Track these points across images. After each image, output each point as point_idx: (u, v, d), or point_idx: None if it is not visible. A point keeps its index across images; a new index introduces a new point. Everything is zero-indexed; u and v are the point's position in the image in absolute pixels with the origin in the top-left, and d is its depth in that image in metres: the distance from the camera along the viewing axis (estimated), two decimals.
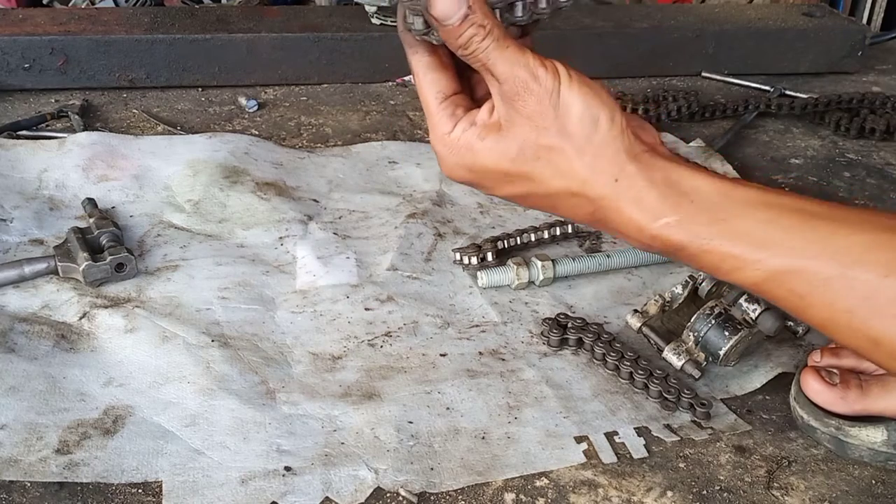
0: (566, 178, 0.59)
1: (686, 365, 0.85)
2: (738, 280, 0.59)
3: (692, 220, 0.58)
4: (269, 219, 1.10)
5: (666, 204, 0.59)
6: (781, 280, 0.57)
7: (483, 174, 0.62)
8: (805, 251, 0.57)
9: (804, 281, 0.56)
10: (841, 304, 0.56)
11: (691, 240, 0.58)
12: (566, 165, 0.59)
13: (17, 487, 0.71)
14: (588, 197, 0.60)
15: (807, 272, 0.56)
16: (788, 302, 0.58)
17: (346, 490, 0.72)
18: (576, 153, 0.59)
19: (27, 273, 0.95)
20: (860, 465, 0.77)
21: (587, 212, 0.61)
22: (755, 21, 1.71)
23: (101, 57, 1.42)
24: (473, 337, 0.92)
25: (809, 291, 0.56)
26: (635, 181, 0.59)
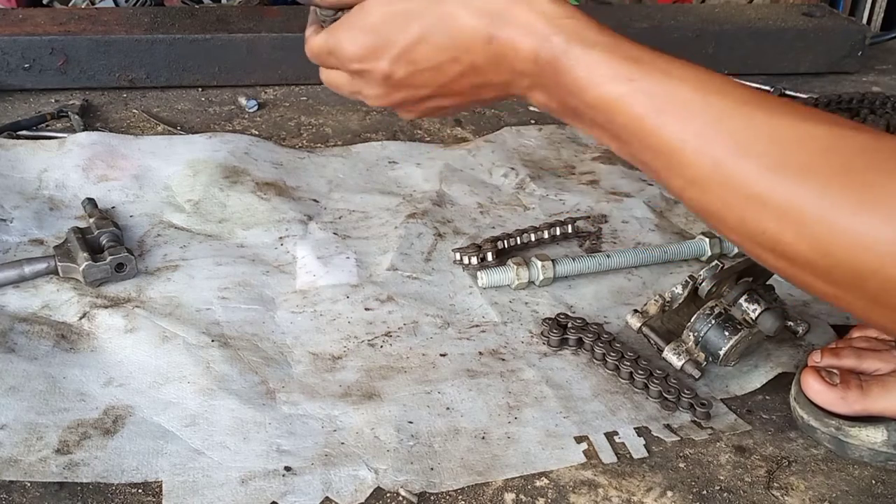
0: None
1: (686, 365, 0.85)
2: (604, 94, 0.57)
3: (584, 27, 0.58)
4: (269, 219, 1.10)
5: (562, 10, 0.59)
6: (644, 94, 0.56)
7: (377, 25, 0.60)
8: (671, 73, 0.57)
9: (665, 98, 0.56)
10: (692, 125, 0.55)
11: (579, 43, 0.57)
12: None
13: (17, 487, 0.71)
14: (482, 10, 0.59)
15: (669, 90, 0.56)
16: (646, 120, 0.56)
17: (346, 490, 0.72)
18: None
19: (27, 273, 0.95)
20: (860, 465, 0.77)
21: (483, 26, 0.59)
22: (755, 21, 1.71)
23: (101, 57, 1.42)
24: (473, 337, 0.92)
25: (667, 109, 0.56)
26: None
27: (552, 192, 1.20)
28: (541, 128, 1.41)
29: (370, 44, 0.61)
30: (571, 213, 1.15)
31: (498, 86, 0.62)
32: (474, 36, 0.59)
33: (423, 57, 0.60)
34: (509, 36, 0.58)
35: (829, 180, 0.51)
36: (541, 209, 1.16)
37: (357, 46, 0.61)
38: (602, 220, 1.14)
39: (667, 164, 0.57)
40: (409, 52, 0.60)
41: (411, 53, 0.60)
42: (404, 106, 0.65)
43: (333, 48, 0.64)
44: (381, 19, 0.60)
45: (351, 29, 0.61)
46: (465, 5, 0.58)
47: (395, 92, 0.63)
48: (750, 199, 0.53)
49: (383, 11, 0.59)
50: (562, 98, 0.60)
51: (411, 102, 0.64)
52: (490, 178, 1.24)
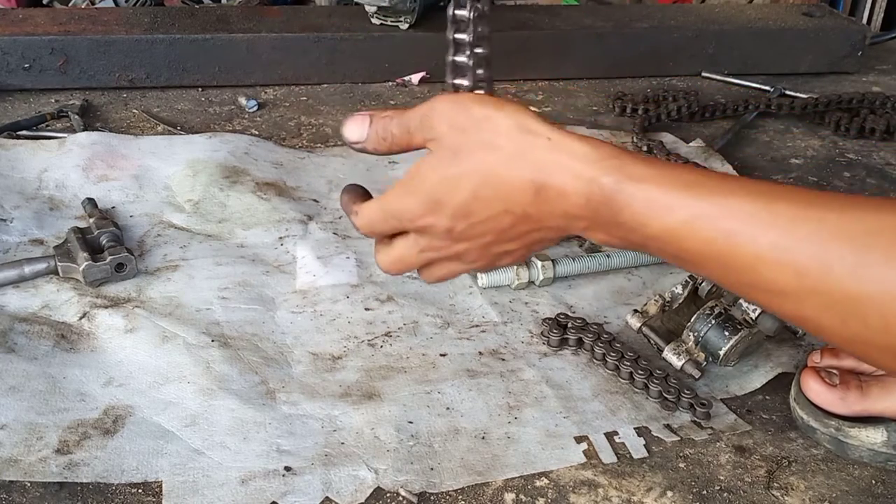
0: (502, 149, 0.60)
1: (686, 365, 0.85)
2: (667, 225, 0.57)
3: (630, 163, 0.58)
4: (269, 219, 1.10)
5: (603, 150, 0.59)
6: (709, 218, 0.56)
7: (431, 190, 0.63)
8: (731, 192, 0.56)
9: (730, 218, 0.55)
10: (764, 238, 0.54)
11: (627, 178, 0.58)
12: (498, 140, 0.60)
13: (17, 487, 0.71)
14: (525, 158, 0.60)
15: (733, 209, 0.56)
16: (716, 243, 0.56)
17: (346, 490, 0.72)
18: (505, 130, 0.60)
19: (27, 273, 0.95)
20: (860, 466, 0.77)
21: (528, 178, 0.60)
22: (755, 21, 1.71)
23: (101, 57, 1.42)
24: (473, 337, 0.92)
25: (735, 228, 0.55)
26: (568, 137, 0.60)
27: None
28: None
29: (430, 203, 0.63)
30: None
31: (555, 229, 0.63)
32: (522, 189, 0.60)
33: (478, 211, 0.62)
34: (557, 184, 0.59)
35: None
36: None
37: (418, 205, 0.64)
38: None
39: (748, 281, 0.56)
40: (465, 207, 0.62)
41: (467, 209, 0.62)
42: (471, 255, 0.66)
43: (394, 211, 0.66)
44: (436, 182, 0.62)
45: (409, 193, 0.64)
46: (508, 162, 0.60)
47: (459, 243, 0.65)
48: (842, 300, 0.53)
49: (437, 177, 0.62)
50: (623, 235, 0.60)
51: (476, 250, 0.66)
52: None
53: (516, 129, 0.60)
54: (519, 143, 0.60)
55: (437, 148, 0.62)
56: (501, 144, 0.60)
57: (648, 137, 1.36)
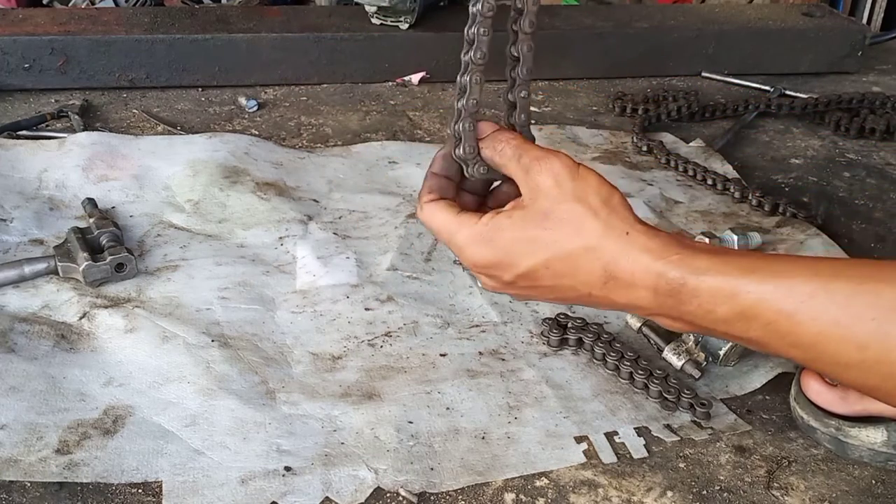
0: (584, 233, 0.64)
1: (686, 365, 0.85)
2: (732, 310, 0.61)
3: (693, 257, 0.63)
4: (269, 219, 1.10)
5: (671, 246, 0.63)
6: (771, 300, 0.60)
7: (507, 246, 0.66)
8: (788, 273, 0.60)
9: (791, 298, 0.59)
10: (826, 316, 0.58)
11: (693, 273, 0.62)
12: (585, 223, 0.64)
13: (17, 487, 0.71)
14: (603, 249, 0.64)
15: (792, 290, 0.59)
16: (780, 323, 0.60)
17: (346, 490, 0.72)
18: (593, 213, 0.64)
19: (27, 273, 0.95)
20: (860, 466, 0.77)
21: (600, 266, 0.64)
22: (755, 21, 1.71)
23: (101, 57, 1.43)
24: (473, 337, 0.92)
25: (797, 307, 0.59)
26: (644, 233, 0.64)
27: None
28: (541, 128, 1.41)
29: (497, 260, 0.66)
30: None
31: (614, 308, 0.68)
32: (593, 274, 0.65)
33: (543, 278, 0.66)
34: (626, 276, 0.64)
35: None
36: None
37: (484, 259, 0.67)
38: None
39: (814, 356, 0.60)
40: (532, 273, 0.66)
41: (533, 275, 0.66)
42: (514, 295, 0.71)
43: (462, 251, 0.68)
44: (515, 240, 0.65)
45: (481, 243, 0.67)
46: (587, 247, 0.64)
47: (511, 290, 0.69)
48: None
49: (515, 236, 0.65)
50: (689, 322, 0.64)
51: (522, 297, 0.71)
52: None
53: (604, 212, 0.64)
54: (602, 231, 0.64)
55: (530, 202, 0.65)
56: (587, 229, 0.64)
57: (648, 137, 1.36)
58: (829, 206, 1.21)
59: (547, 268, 0.66)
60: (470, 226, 0.67)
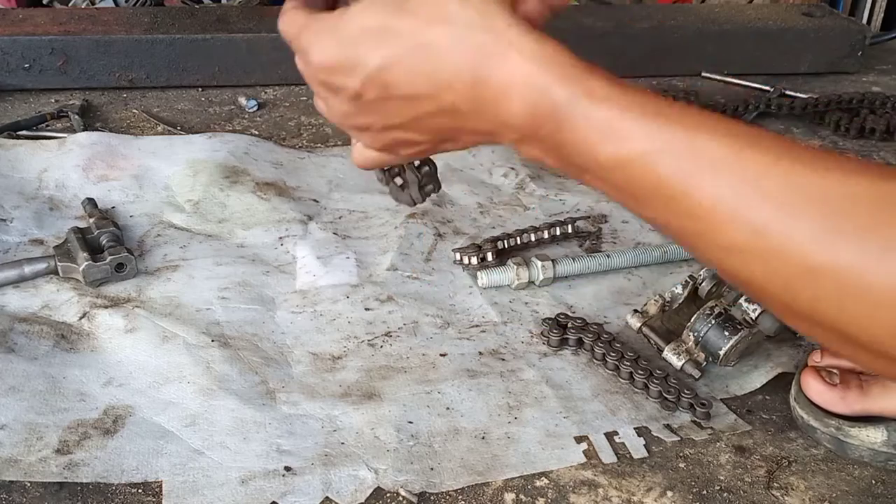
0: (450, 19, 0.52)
1: (686, 365, 0.85)
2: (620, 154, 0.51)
3: (589, 77, 0.51)
4: (269, 219, 1.10)
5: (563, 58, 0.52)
6: (669, 154, 0.50)
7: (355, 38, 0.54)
8: (699, 128, 0.50)
9: (693, 157, 0.49)
10: (726, 187, 0.49)
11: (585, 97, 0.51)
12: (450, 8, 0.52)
13: (17, 487, 0.71)
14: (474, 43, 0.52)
15: (698, 148, 0.49)
16: (672, 183, 0.50)
17: (346, 490, 0.72)
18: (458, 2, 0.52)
19: (27, 273, 0.95)
20: (860, 465, 0.77)
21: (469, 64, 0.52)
22: (755, 21, 1.71)
23: (101, 57, 1.42)
24: (473, 337, 0.92)
25: (697, 169, 0.49)
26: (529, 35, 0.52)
27: (552, 192, 1.20)
28: None
29: (343, 57, 0.55)
30: (571, 213, 1.15)
31: (479, 133, 0.56)
32: (458, 74, 0.52)
33: (397, 82, 0.54)
34: (501, 82, 0.52)
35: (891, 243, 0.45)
36: (541, 209, 1.16)
37: (328, 57, 0.56)
38: (602, 220, 1.14)
39: (696, 229, 0.51)
40: (383, 73, 0.54)
41: (384, 75, 0.54)
42: (369, 132, 0.59)
43: (304, 49, 0.58)
44: (361, 31, 0.54)
45: (327, 36, 0.56)
46: (453, 35, 0.52)
47: (362, 114, 0.57)
48: (800, 269, 0.47)
49: (364, 24, 0.53)
50: (564, 156, 0.54)
51: (377, 129, 0.58)
52: (490, 178, 1.24)
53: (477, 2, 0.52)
54: (473, 18, 0.52)
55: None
56: (454, 14, 0.52)
57: None
58: None
59: (401, 63, 0.53)
60: (318, 19, 0.57)
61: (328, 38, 0.56)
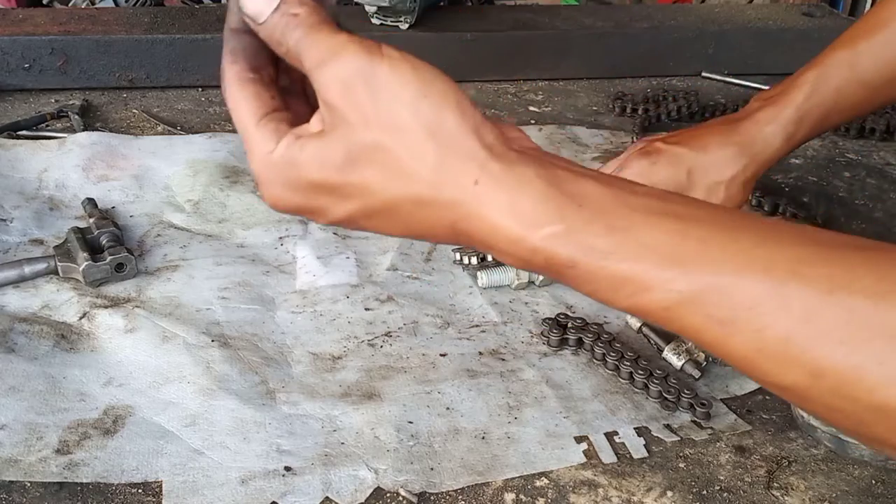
0: (408, 182, 0.46)
1: (686, 365, 0.85)
2: (642, 306, 0.46)
3: (583, 229, 0.45)
4: (269, 219, 1.10)
5: (548, 208, 0.45)
6: (698, 303, 0.44)
7: (310, 192, 0.48)
8: (726, 266, 0.44)
9: (727, 303, 0.44)
10: (774, 331, 0.43)
11: (584, 255, 0.45)
12: (405, 166, 0.46)
13: (17, 487, 0.71)
14: (442, 203, 0.46)
15: (730, 291, 0.44)
16: (706, 333, 0.45)
17: (346, 490, 0.72)
18: (413, 152, 0.46)
19: (27, 273, 0.95)
20: (860, 465, 0.77)
21: (446, 225, 0.47)
22: (755, 21, 1.71)
23: (101, 57, 1.42)
24: (473, 337, 0.92)
25: (734, 316, 0.44)
26: (503, 182, 0.45)
27: None
28: (541, 128, 1.41)
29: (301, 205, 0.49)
30: None
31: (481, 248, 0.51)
32: (437, 228, 0.48)
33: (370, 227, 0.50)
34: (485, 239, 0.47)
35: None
36: None
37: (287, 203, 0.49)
38: None
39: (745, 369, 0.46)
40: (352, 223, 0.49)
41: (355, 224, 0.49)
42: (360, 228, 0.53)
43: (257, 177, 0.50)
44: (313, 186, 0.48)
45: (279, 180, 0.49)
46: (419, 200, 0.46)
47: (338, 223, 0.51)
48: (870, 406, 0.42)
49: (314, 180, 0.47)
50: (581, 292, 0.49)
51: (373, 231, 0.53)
52: None
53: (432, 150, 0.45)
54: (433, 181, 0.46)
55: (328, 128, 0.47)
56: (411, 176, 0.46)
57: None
58: (829, 207, 1.21)
59: (368, 218, 0.48)
60: (265, 153, 0.48)
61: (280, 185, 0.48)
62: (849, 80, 0.88)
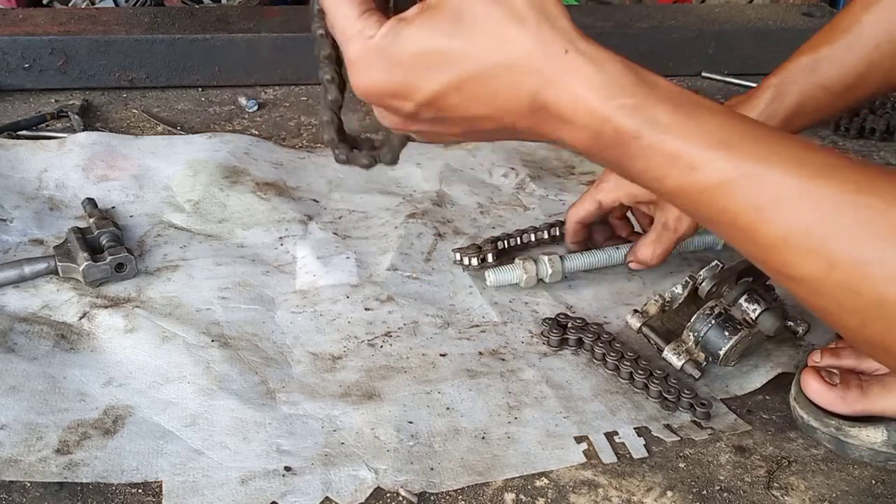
0: (507, 45, 0.50)
1: (686, 365, 0.85)
2: (686, 185, 0.51)
3: (652, 105, 0.51)
4: (269, 219, 1.10)
5: (624, 83, 0.51)
6: (738, 186, 0.50)
7: (407, 65, 0.52)
8: (769, 158, 0.50)
9: (763, 190, 0.49)
10: (799, 220, 0.48)
11: (649, 127, 0.50)
12: (507, 32, 0.51)
13: (17, 487, 0.71)
14: (531, 70, 0.51)
15: (768, 180, 0.49)
16: (741, 217, 0.50)
17: (346, 490, 0.72)
18: (518, 20, 0.51)
19: (27, 273, 0.95)
20: (860, 465, 0.77)
21: (529, 94, 0.51)
22: (755, 21, 1.71)
23: (101, 57, 1.42)
24: (473, 337, 0.92)
25: (768, 202, 0.49)
26: (588, 55, 0.51)
27: (552, 192, 1.20)
28: None
29: (395, 85, 0.53)
30: None
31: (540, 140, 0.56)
32: (517, 100, 0.52)
33: (453, 107, 0.53)
34: (561, 109, 0.51)
35: None
36: (541, 209, 1.16)
37: (379, 85, 0.54)
38: None
39: (767, 259, 0.52)
40: (439, 99, 0.53)
41: (441, 101, 0.53)
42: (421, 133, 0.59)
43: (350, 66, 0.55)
44: (414, 57, 0.52)
45: (376, 62, 0.53)
46: (510, 63, 0.51)
47: (416, 125, 0.57)
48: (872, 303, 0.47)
49: (418, 49, 0.51)
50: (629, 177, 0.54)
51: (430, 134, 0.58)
52: (490, 178, 1.24)
53: (534, 19, 0.51)
54: (531, 44, 0.50)
55: (437, 3, 0.52)
56: (510, 40, 0.50)
57: None
58: None
59: (458, 90, 0.52)
60: (365, 38, 0.53)
61: (378, 65, 0.53)
62: (812, 84, 0.88)
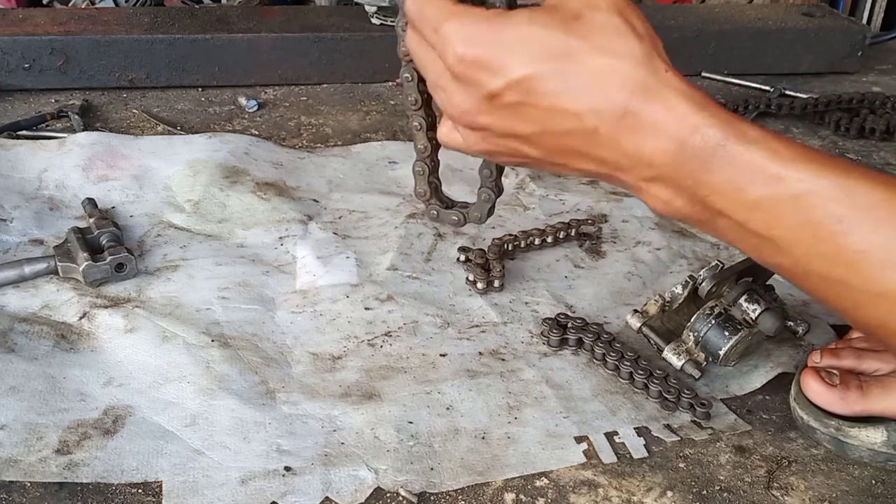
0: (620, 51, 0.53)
1: (686, 365, 0.85)
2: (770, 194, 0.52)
3: (739, 122, 0.53)
4: (269, 219, 1.10)
5: (714, 104, 0.54)
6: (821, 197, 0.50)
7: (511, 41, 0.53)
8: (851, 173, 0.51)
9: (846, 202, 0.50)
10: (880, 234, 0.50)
11: (737, 137, 0.52)
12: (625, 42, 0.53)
13: (17, 487, 0.71)
14: (636, 78, 0.52)
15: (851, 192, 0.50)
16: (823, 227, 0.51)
17: (346, 490, 0.72)
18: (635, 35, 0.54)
19: (27, 273, 0.95)
20: (860, 466, 0.77)
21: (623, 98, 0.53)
22: (755, 21, 1.71)
23: (101, 57, 1.42)
24: (473, 337, 0.92)
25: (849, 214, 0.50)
26: (683, 81, 0.54)
27: (552, 192, 1.20)
28: None
29: (490, 56, 0.53)
30: (571, 213, 1.15)
31: (604, 163, 0.56)
32: (610, 101, 0.53)
33: (542, 91, 0.53)
34: (652, 116, 0.53)
35: None
36: (541, 209, 1.16)
37: (474, 52, 0.53)
38: (602, 220, 1.14)
39: (844, 275, 0.52)
40: (531, 81, 0.53)
41: (531, 83, 0.53)
42: (484, 132, 0.57)
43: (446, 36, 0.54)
44: (521, 37, 0.53)
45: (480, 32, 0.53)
46: (616, 65, 0.52)
47: (487, 115, 0.55)
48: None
49: (526, 34, 0.52)
50: (700, 197, 0.54)
51: (495, 133, 0.56)
52: None
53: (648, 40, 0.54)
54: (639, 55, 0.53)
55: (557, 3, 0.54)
56: (622, 47, 0.53)
57: None
58: None
59: (557, 77, 0.52)
60: (473, 12, 0.54)
61: (482, 32, 0.53)
62: None
